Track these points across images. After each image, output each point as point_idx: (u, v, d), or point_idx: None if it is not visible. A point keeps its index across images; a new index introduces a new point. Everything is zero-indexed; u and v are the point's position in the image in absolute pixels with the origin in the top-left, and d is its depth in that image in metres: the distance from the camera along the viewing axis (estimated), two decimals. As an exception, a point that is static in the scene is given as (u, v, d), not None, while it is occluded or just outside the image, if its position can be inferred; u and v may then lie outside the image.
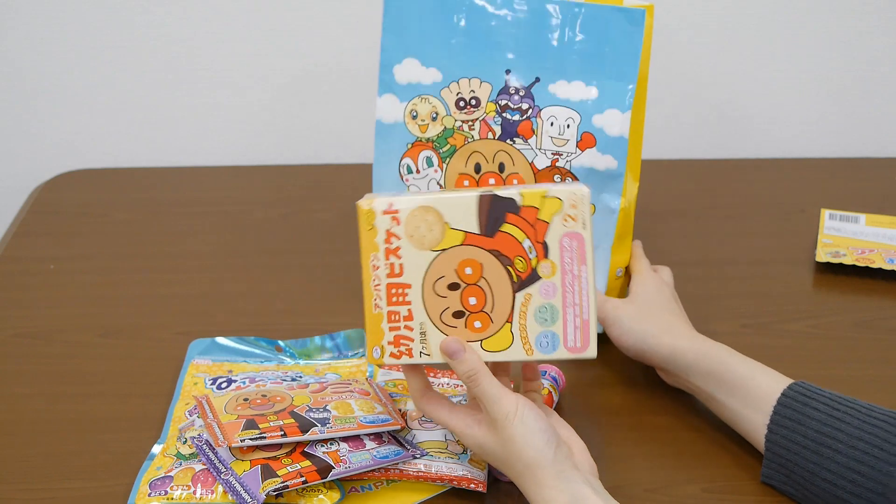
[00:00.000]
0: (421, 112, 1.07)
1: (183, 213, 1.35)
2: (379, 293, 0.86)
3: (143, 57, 1.45)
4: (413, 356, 0.86)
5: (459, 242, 0.84)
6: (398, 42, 1.07)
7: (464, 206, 0.83)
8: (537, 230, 0.83)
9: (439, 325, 0.85)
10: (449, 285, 0.84)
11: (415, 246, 0.84)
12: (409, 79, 1.07)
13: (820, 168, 1.49)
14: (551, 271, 0.83)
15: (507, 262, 0.83)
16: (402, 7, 1.06)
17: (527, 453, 0.80)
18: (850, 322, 1.14)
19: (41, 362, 1.06)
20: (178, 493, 0.87)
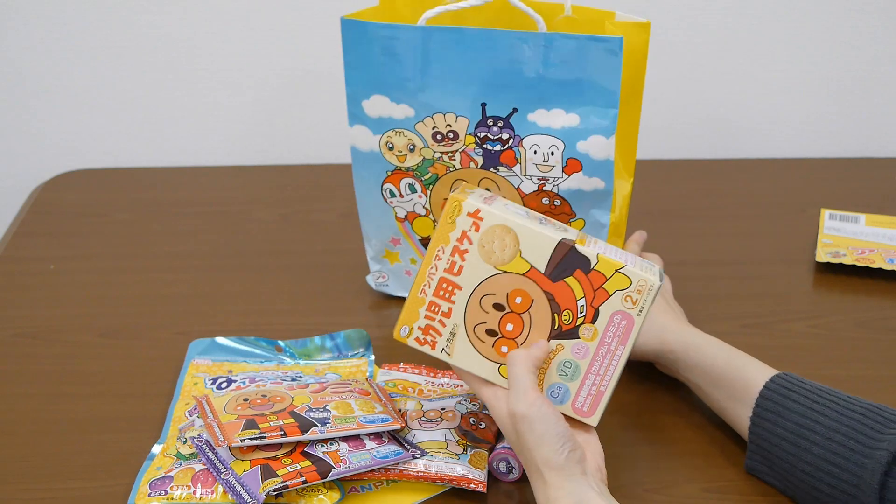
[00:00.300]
0: (397, 144, 1.04)
1: (183, 213, 1.35)
2: (430, 282, 0.87)
3: (144, 57, 1.45)
4: (434, 349, 0.88)
5: (522, 272, 0.86)
6: (363, 78, 1.03)
7: (541, 244, 0.85)
8: (596, 296, 0.85)
9: (470, 334, 0.87)
10: (495, 304, 0.86)
11: (482, 256, 0.86)
12: (380, 113, 1.03)
13: (820, 168, 1.49)
14: (591, 336, 0.86)
15: (556, 309, 0.86)
16: (361, 48, 1.02)
17: (539, 451, 0.81)
18: (850, 322, 1.14)
19: (41, 362, 1.06)
20: (178, 493, 0.87)
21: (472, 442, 0.92)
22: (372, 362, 1.04)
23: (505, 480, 0.91)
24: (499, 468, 0.91)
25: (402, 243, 1.11)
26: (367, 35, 1.01)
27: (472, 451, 0.91)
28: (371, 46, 1.01)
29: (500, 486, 0.91)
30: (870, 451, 0.82)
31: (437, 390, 1.00)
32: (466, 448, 0.91)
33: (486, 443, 0.93)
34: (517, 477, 0.91)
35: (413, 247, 1.11)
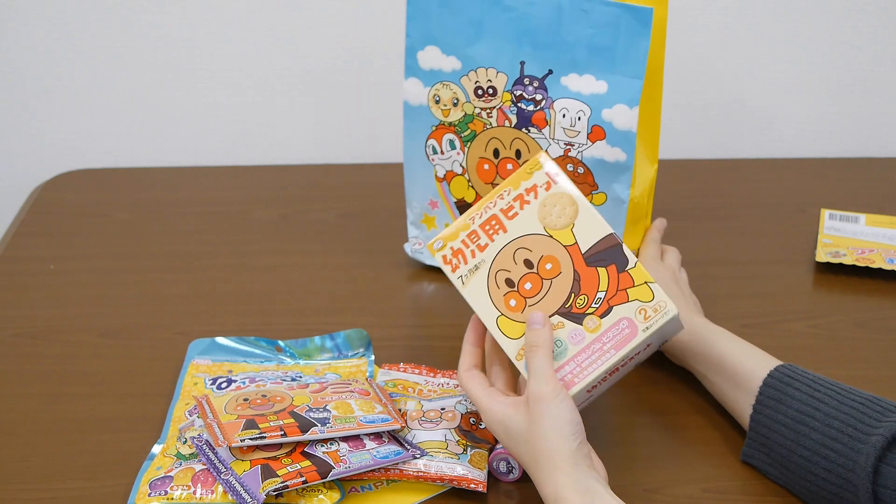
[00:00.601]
0: (443, 97, 1.12)
1: (183, 213, 1.35)
2: (483, 214, 0.91)
3: (144, 57, 1.45)
4: (454, 272, 0.91)
5: (565, 244, 0.89)
6: (420, 29, 1.10)
7: (594, 228, 0.89)
8: (617, 295, 0.87)
9: (491, 276, 0.90)
10: (525, 260, 0.89)
11: (538, 214, 0.90)
12: (431, 65, 1.11)
13: (820, 168, 1.49)
14: (593, 328, 0.87)
15: (576, 290, 0.88)
16: None
17: (552, 437, 0.82)
18: (850, 322, 1.14)
19: (41, 362, 1.06)
20: (178, 493, 0.87)
21: (472, 442, 0.92)
22: (372, 362, 1.04)
23: (505, 480, 0.91)
24: (499, 468, 0.91)
25: (439, 206, 1.15)
26: None
27: (472, 451, 0.91)
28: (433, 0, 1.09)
29: (500, 486, 0.91)
30: (866, 437, 0.84)
31: (437, 390, 1.00)
32: (466, 448, 0.92)
33: (486, 443, 0.93)
34: (517, 477, 0.91)
35: (449, 210, 1.16)
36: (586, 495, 0.80)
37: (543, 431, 0.82)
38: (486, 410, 0.86)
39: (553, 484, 0.81)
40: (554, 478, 0.81)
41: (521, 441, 0.84)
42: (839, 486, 0.85)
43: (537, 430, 0.82)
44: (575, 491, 0.80)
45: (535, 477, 0.83)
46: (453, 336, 1.09)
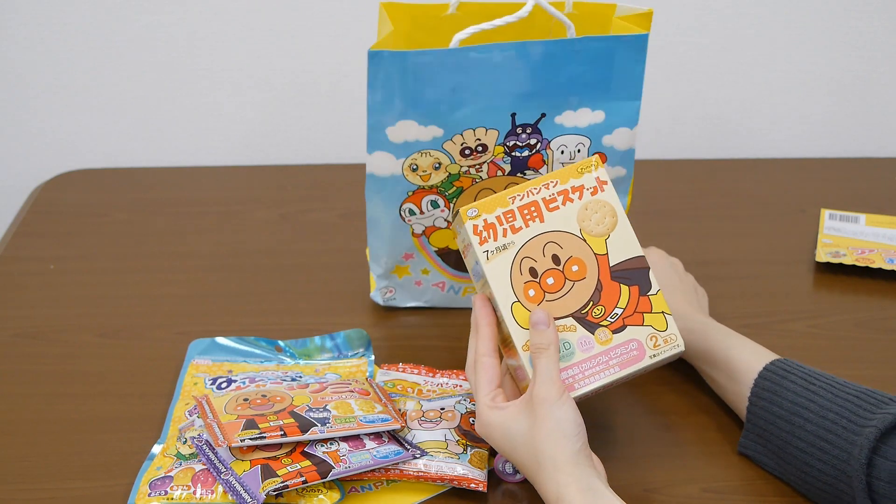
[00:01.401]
0: (422, 165, 1.01)
1: (183, 213, 1.35)
2: (525, 197, 0.90)
3: (144, 57, 1.45)
4: (481, 245, 0.89)
5: (595, 251, 0.89)
6: (388, 104, 0.99)
7: (628, 246, 0.90)
8: (633, 317, 0.89)
9: (517, 260, 0.89)
10: (554, 256, 0.89)
11: (577, 215, 0.90)
12: (406, 138, 1.00)
13: (820, 168, 1.49)
14: (604, 341, 0.88)
15: (595, 299, 0.88)
16: (391, 77, 0.98)
17: (555, 438, 0.82)
18: (850, 322, 1.14)
19: (41, 362, 1.06)
20: (178, 493, 0.87)
21: (472, 442, 0.92)
22: (372, 362, 1.04)
23: (511, 481, 0.91)
24: (504, 469, 0.91)
25: (414, 257, 1.09)
26: (398, 64, 0.97)
27: (472, 450, 0.91)
28: (402, 75, 0.97)
29: (500, 486, 0.91)
30: (860, 428, 0.85)
31: (436, 390, 1.00)
32: (466, 448, 0.91)
33: (485, 442, 0.93)
34: (523, 477, 0.91)
35: (427, 258, 1.10)
36: (588, 493, 0.80)
37: (546, 433, 0.82)
38: (483, 416, 0.86)
39: (555, 483, 0.81)
40: (556, 477, 0.81)
41: (521, 443, 0.84)
42: (834, 478, 0.85)
43: (540, 432, 0.82)
44: (577, 489, 0.80)
45: (535, 478, 0.83)
46: (453, 336, 1.09)
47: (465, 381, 1.02)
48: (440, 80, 0.97)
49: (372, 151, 1.02)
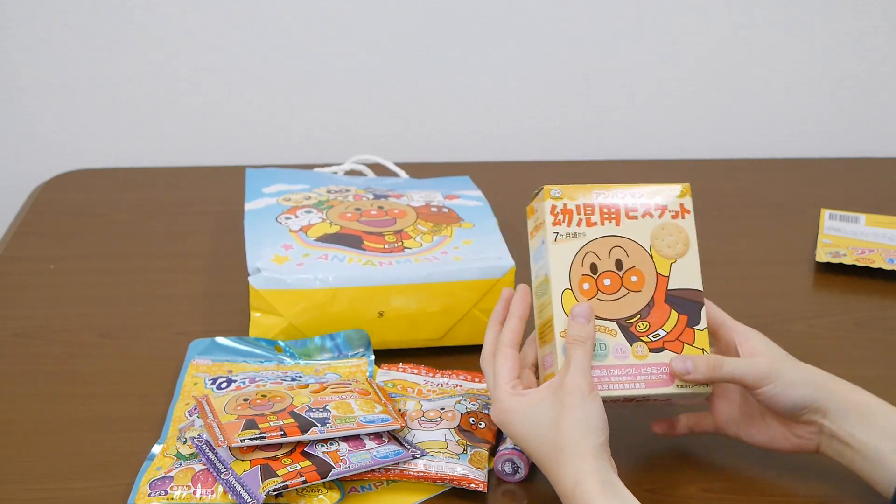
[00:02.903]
0: (293, 198, 1.17)
1: (183, 213, 1.35)
2: (610, 198, 0.91)
3: (144, 57, 1.45)
4: (553, 227, 0.90)
5: (658, 271, 0.90)
6: (261, 180, 1.22)
7: (689, 275, 0.91)
8: (674, 344, 0.89)
9: (582, 252, 0.90)
10: (617, 261, 0.90)
11: (652, 231, 0.91)
12: (279, 190, 1.19)
13: (820, 168, 1.49)
14: (639, 356, 0.89)
15: (643, 314, 0.89)
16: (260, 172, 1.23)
17: (581, 428, 0.82)
18: (850, 322, 1.14)
19: (41, 362, 1.06)
20: (178, 493, 0.87)
21: (472, 442, 0.92)
22: (372, 362, 1.04)
23: (511, 481, 0.91)
24: (504, 469, 0.91)
25: (294, 248, 1.08)
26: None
27: (472, 450, 0.91)
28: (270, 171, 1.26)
29: (500, 486, 0.91)
30: None
31: (436, 390, 1.00)
32: (466, 448, 0.91)
33: (486, 443, 0.93)
34: (523, 477, 0.91)
35: (308, 246, 1.09)
36: (607, 486, 0.80)
37: (573, 421, 0.82)
38: (504, 401, 0.86)
39: (574, 472, 0.80)
40: (576, 466, 0.81)
41: (542, 430, 0.83)
42: None
43: (566, 420, 0.82)
44: (597, 480, 0.80)
45: (552, 465, 0.82)
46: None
47: (465, 381, 1.02)
48: (303, 174, 1.25)
49: (250, 200, 1.18)
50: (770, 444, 0.90)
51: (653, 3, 1.46)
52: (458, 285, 1.04)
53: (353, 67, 1.47)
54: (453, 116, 1.51)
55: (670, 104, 1.51)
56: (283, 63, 1.46)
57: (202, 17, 1.43)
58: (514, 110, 1.51)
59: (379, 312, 1.05)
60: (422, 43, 1.46)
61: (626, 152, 1.52)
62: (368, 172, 1.35)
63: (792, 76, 1.50)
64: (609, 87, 1.50)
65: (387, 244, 1.08)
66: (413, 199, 1.18)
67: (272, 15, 1.43)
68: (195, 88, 1.47)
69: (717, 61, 1.49)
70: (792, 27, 1.47)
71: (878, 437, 0.84)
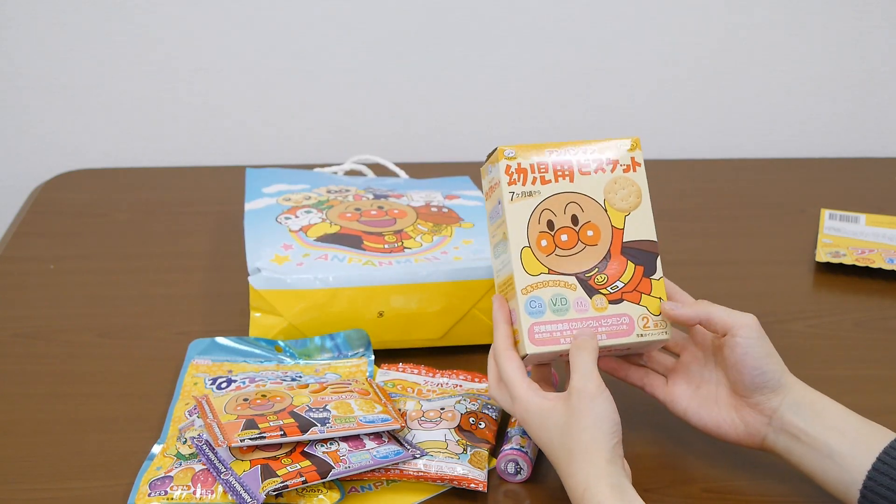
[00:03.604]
0: (293, 198, 1.17)
1: (183, 213, 1.35)
2: (563, 155, 0.92)
3: (144, 57, 1.45)
4: (508, 186, 0.91)
5: (613, 224, 0.92)
6: (261, 180, 1.21)
7: (643, 227, 0.92)
8: (632, 294, 0.91)
9: (538, 209, 0.91)
10: (573, 216, 0.91)
11: (605, 185, 0.92)
12: (279, 190, 1.19)
13: (820, 168, 1.49)
14: (599, 307, 0.90)
15: (601, 267, 0.91)
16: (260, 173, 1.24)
17: (592, 432, 0.82)
18: (850, 322, 1.14)
19: (41, 362, 1.06)
20: (178, 493, 0.87)
21: (472, 442, 0.92)
22: (372, 362, 1.04)
23: (513, 482, 0.91)
24: (507, 469, 0.91)
25: (294, 248, 1.09)
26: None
27: (471, 450, 0.91)
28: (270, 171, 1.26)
29: (500, 486, 0.91)
30: None
31: (436, 390, 1.00)
32: (466, 448, 0.91)
33: (485, 443, 0.93)
34: (525, 477, 0.91)
35: (308, 246, 1.09)
36: (616, 490, 0.79)
37: (584, 425, 0.82)
38: (524, 399, 0.86)
39: (585, 475, 0.80)
40: (586, 469, 0.81)
41: (556, 433, 0.84)
42: None
43: (577, 424, 0.82)
44: (607, 484, 0.80)
45: (565, 468, 0.83)
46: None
47: (465, 381, 1.02)
48: (303, 173, 1.26)
49: (249, 200, 1.17)
50: (716, 429, 0.90)
51: (653, 3, 1.46)
52: (458, 285, 1.04)
53: (353, 67, 1.47)
54: (453, 116, 1.51)
55: (670, 104, 1.51)
56: (283, 63, 1.46)
57: (202, 17, 1.43)
58: (514, 110, 1.51)
59: (379, 312, 1.05)
60: (422, 43, 1.46)
61: (626, 152, 1.52)
62: (368, 172, 1.35)
63: (792, 76, 1.50)
64: (609, 87, 1.50)
65: (387, 244, 1.08)
66: (413, 199, 1.18)
67: (272, 15, 1.43)
68: (195, 88, 1.47)
69: (717, 61, 1.49)
70: (792, 27, 1.47)
71: (830, 434, 0.84)
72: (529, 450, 0.91)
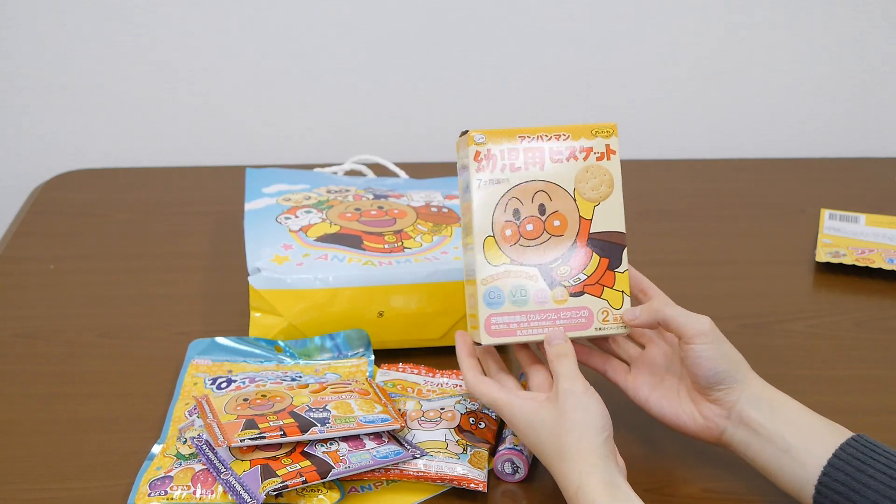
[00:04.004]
0: (293, 198, 1.17)
1: (183, 213, 1.35)
2: (532, 142, 0.90)
3: (144, 57, 1.45)
4: (476, 172, 0.90)
5: (581, 214, 0.91)
6: (261, 180, 1.20)
7: (613, 219, 0.91)
8: (594, 287, 0.91)
9: (505, 196, 0.90)
10: (540, 205, 0.91)
11: (576, 174, 0.91)
12: (279, 190, 1.18)
13: (820, 168, 1.49)
14: (559, 300, 0.90)
15: (565, 258, 0.90)
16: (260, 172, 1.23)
17: (581, 429, 0.82)
18: (850, 322, 1.14)
19: (41, 362, 1.06)
20: (178, 493, 0.87)
21: (472, 442, 0.92)
22: (372, 362, 1.04)
23: (510, 481, 0.91)
24: (504, 469, 0.91)
25: (294, 248, 1.09)
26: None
27: (471, 450, 0.91)
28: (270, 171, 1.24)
29: (500, 486, 0.91)
30: None
31: (436, 390, 1.00)
32: (466, 448, 0.91)
33: (485, 443, 0.93)
34: (523, 477, 0.91)
35: (308, 246, 1.09)
36: (609, 487, 0.80)
37: (573, 423, 0.82)
38: (509, 406, 0.86)
39: (577, 473, 0.81)
40: (579, 467, 0.81)
41: (546, 434, 0.84)
42: None
43: (567, 423, 0.83)
44: (600, 481, 0.80)
45: (558, 468, 0.83)
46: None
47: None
48: (302, 173, 1.25)
49: (249, 200, 1.16)
50: (675, 419, 0.91)
51: (653, 3, 1.46)
52: (458, 285, 1.04)
53: (353, 67, 1.47)
54: (453, 116, 1.51)
55: (670, 104, 1.51)
56: (283, 63, 1.46)
57: (202, 17, 1.43)
58: (514, 110, 1.51)
59: (379, 312, 1.05)
60: (422, 43, 1.46)
61: (626, 152, 1.51)
62: (368, 172, 1.35)
63: (792, 76, 1.50)
64: (609, 87, 1.50)
65: (387, 244, 1.08)
66: (413, 199, 1.18)
67: (272, 15, 1.43)
68: (195, 88, 1.47)
69: (717, 61, 1.49)
70: (792, 27, 1.47)
71: (787, 429, 0.85)
72: (525, 449, 0.91)
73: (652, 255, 1.13)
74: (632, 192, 1.09)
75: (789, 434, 0.84)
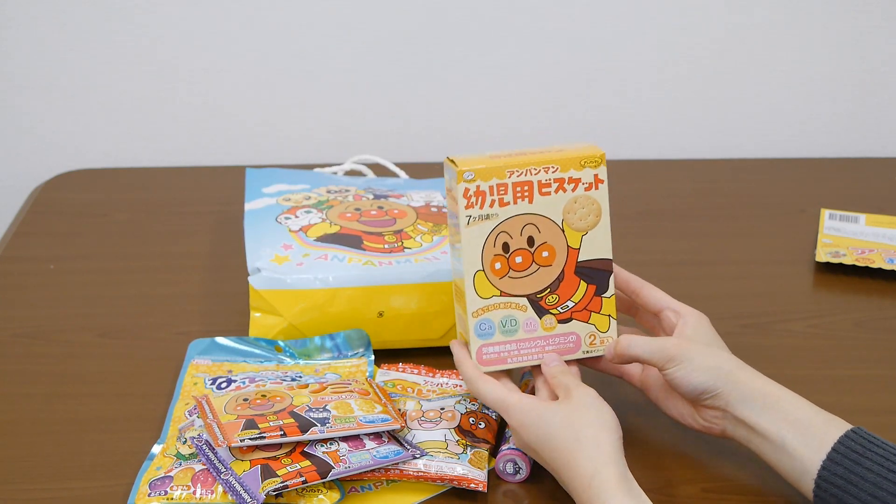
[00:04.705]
0: (293, 198, 1.17)
1: (183, 213, 1.35)
2: (524, 175, 0.90)
3: (144, 57, 1.45)
4: (466, 209, 0.89)
5: (569, 244, 0.92)
6: (261, 180, 1.20)
7: (600, 246, 0.92)
8: (581, 313, 0.93)
9: (495, 232, 0.90)
10: (529, 237, 0.91)
11: (564, 205, 0.91)
12: (279, 190, 1.18)
13: (820, 168, 1.49)
14: (548, 327, 0.92)
15: (553, 288, 0.92)
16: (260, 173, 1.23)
17: (597, 425, 0.83)
18: (850, 322, 1.14)
19: (41, 362, 1.06)
20: (178, 493, 0.87)
21: (472, 442, 0.92)
22: (372, 362, 1.04)
23: (512, 481, 0.91)
24: (506, 469, 0.91)
25: (293, 248, 1.08)
26: None
27: (471, 450, 0.91)
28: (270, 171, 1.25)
29: (500, 486, 0.91)
30: None
31: (436, 390, 1.00)
32: (466, 448, 0.91)
33: (485, 443, 0.93)
34: (524, 477, 0.91)
35: (308, 246, 1.09)
36: (624, 480, 0.81)
37: (588, 419, 0.84)
38: (518, 403, 0.87)
39: (592, 463, 0.81)
40: (594, 458, 0.82)
41: (557, 427, 0.84)
42: None
43: (581, 418, 0.84)
44: (615, 473, 0.81)
45: (568, 460, 0.83)
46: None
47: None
48: (303, 173, 1.25)
49: (249, 200, 1.16)
50: (680, 419, 0.93)
51: (653, 3, 1.46)
52: None
53: (353, 67, 1.47)
54: (453, 116, 1.51)
55: (670, 104, 1.51)
56: (283, 63, 1.46)
57: (202, 17, 1.43)
58: (514, 110, 1.51)
59: (379, 312, 1.05)
60: (422, 43, 1.46)
61: (626, 152, 1.52)
62: (368, 172, 1.35)
63: (792, 76, 1.50)
64: (609, 87, 1.50)
65: (387, 244, 1.08)
66: (413, 199, 1.18)
67: (272, 15, 1.43)
68: (195, 88, 1.47)
69: (717, 61, 1.49)
70: (792, 27, 1.47)
71: (782, 425, 0.85)
72: None
73: (652, 255, 1.13)
74: (632, 192, 1.09)
75: (784, 429, 0.85)
